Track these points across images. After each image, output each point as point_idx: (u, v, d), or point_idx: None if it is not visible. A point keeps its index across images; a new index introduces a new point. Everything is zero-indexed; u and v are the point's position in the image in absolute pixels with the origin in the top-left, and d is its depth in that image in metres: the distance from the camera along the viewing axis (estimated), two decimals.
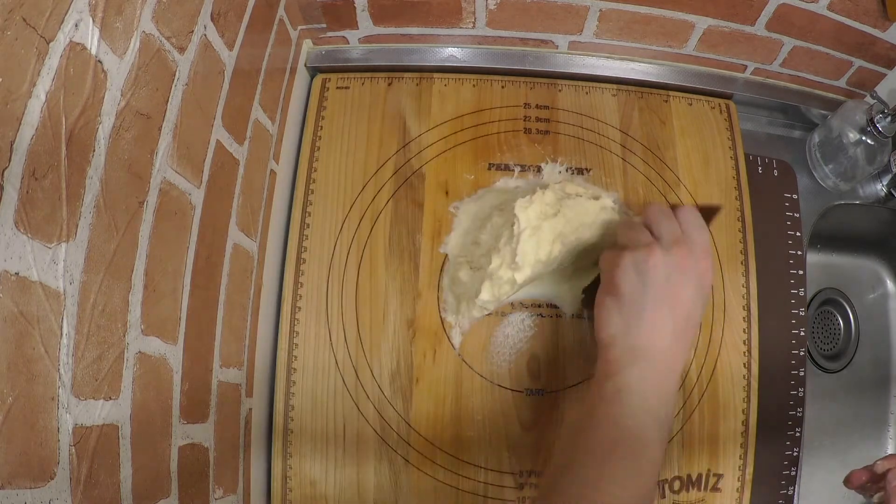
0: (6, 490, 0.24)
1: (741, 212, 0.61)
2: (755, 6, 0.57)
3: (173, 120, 0.36)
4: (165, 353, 0.37)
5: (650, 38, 0.62)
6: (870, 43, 0.61)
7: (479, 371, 0.55)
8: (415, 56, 0.63)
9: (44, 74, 0.26)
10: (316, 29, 0.61)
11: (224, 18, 0.42)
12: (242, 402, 0.49)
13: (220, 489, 0.45)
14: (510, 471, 0.54)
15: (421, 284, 0.56)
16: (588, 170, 0.60)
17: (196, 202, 0.40)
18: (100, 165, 0.30)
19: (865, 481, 0.50)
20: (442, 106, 0.62)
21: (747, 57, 0.64)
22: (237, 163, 0.47)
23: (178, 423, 0.38)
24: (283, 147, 0.58)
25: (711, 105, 0.64)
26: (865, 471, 0.50)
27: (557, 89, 0.63)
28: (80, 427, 0.29)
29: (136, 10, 0.32)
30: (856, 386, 0.78)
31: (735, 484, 0.56)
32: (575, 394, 0.55)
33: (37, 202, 0.26)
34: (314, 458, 0.54)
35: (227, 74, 0.44)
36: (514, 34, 0.62)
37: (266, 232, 0.54)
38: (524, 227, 0.48)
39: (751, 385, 0.57)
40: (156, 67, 0.34)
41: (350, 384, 0.55)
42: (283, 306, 0.56)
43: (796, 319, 0.62)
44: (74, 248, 0.28)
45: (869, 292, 0.82)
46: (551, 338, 0.56)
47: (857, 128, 0.63)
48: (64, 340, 0.28)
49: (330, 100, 0.62)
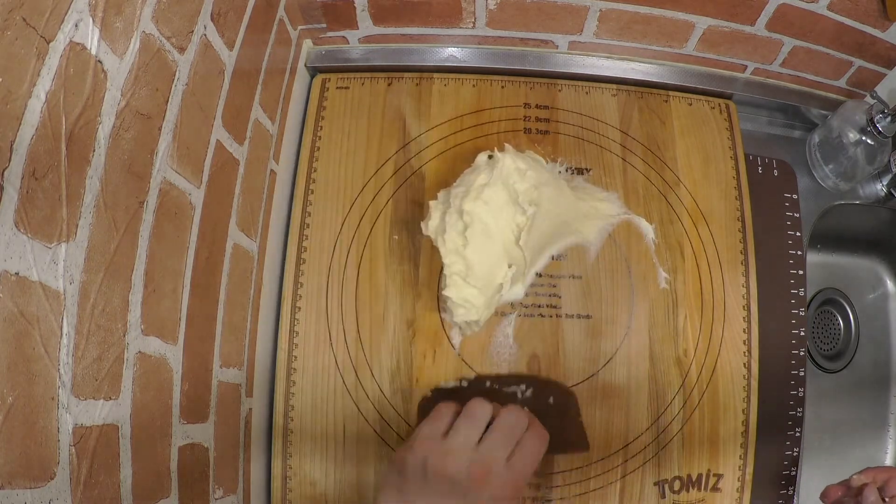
0: (6, 490, 0.24)
1: (741, 212, 0.61)
2: (755, 6, 0.57)
3: (173, 120, 0.36)
4: (165, 353, 0.37)
5: (650, 38, 0.62)
6: (870, 43, 0.61)
7: (479, 371, 0.55)
8: (415, 56, 0.63)
9: (44, 74, 0.26)
10: (316, 29, 0.61)
11: (224, 18, 0.42)
12: (242, 402, 0.49)
13: (220, 489, 0.45)
14: None
15: (421, 284, 0.56)
16: (588, 170, 0.61)
17: (196, 202, 0.40)
18: (100, 165, 0.30)
19: (842, 496, 0.49)
20: (442, 106, 0.62)
21: (747, 57, 0.64)
22: (237, 163, 0.47)
23: (178, 423, 0.38)
24: (283, 147, 0.58)
25: (711, 105, 0.64)
26: (841, 486, 0.49)
27: (557, 89, 0.63)
28: (80, 427, 0.29)
29: (136, 10, 0.32)
30: (856, 386, 0.78)
31: (735, 484, 0.56)
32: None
33: (37, 202, 0.26)
34: (314, 458, 0.54)
35: (227, 74, 0.44)
36: (514, 34, 0.62)
37: (266, 232, 0.54)
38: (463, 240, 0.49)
39: (751, 385, 0.57)
40: (156, 67, 0.34)
41: (350, 384, 0.55)
42: (283, 306, 0.56)
43: (796, 319, 0.62)
44: (74, 248, 0.28)
45: (869, 292, 0.82)
46: (551, 338, 0.56)
47: (857, 128, 0.63)
48: (64, 340, 0.28)
49: (330, 100, 0.62)
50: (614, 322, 0.56)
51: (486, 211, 0.49)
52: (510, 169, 0.50)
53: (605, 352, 0.56)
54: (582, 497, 0.54)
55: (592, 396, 0.55)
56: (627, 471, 0.55)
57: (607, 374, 0.56)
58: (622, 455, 0.55)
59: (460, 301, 0.49)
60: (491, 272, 0.49)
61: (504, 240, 0.50)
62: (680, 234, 0.59)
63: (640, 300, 0.57)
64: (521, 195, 0.50)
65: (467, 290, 0.49)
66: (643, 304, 0.57)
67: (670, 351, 0.56)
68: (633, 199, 0.60)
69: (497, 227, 0.49)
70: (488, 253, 0.49)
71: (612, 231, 0.58)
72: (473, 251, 0.48)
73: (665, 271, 0.58)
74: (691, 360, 0.57)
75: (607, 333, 0.56)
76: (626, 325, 0.57)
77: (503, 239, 0.49)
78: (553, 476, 0.54)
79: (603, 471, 0.54)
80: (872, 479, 0.47)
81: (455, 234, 0.49)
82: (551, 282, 0.57)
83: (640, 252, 0.58)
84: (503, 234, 0.49)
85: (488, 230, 0.49)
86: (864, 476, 0.48)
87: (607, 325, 0.56)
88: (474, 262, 0.48)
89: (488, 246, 0.49)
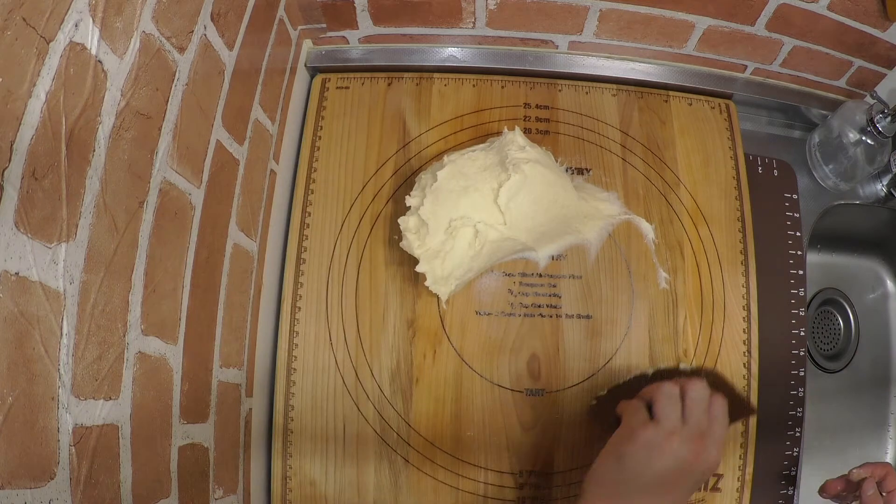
0: (6, 490, 0.24)
1: (741, 212, 0.61)
2: (755, 6, 0.57)
3: (173, 120, 0.36)
4: (165, 353, 0.37)
5: (650, 38, 0.62)
6: (870, 43, 0.61)
7: (479, 371, 0.55)
8: (415, 56, 0.63)
9: (44, 74, 0.26)
10: (316, 29, 0.61)
11: (224, 18, 0.42)
12: (242, 402, 0.49)
13: (220, 489, 0.45)
14: (510, 471, 0.54)
15: (421, 284, 0.56)
16: (588, 170, 0.61)
17: (196, 202, 0.40)
18: (100, 165, 0.30)
19: (841, 490, 0.49)
20: (442, 106, 0.62)
21: (747, 57, 0.64)
22: (237, 163, 0.47)
23: (178, 423, 0.38)
24: (283, 147, 0.58)
25: (711, 105, 0.64)
26: (841, 480, 0.49)
27: (557, 89, 0.63)
28: (80, 427, 0.29)
29: (136, 10, 0.32)
30: (856, 386, 0.78)
31: (735, 484, 0.56)
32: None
33: (37, 202, 0.26)
34: (314, 458, 0.54)
35: (227, 74, 0.44)
36: (514, 34, 0.62)
37: (266, 232, 0.54)
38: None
39: (751, 385, 0.57)
40: (156, 67, 0.34)
41: (350, 384, 0.55)
42: (283, 306, 0.56)
43: (796, 319, 0.62)
44: (74, 248, 0.28)
45: (869, 292, 0.82)
46: (551, 338, 0.56)
47: (857, 128, 0.63)
48: (64, 340, 0.28)
49: (330, 100, 0.62)
50: (614, 322, 0.56)
51: (468, 163, 0.52)
52: (510, 140, 0.52)
53: (605, 352, 0.56)
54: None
55: (592, 396, 0.55)
56: None
57: (607, 374, 0.56)
58: None
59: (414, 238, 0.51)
60: (449, 224, 0.51)
61: (481, 195, 0.51)
62: (680, 234, 0.59)
63: (640, 300, 0.57)
64: (509, 158, 0.51)
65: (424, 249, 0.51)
66: (643, 304, 0.57)
67: (670, 351, 0.56)
68: (633, 199, 0.60)
69: (473, 179, 0.51)
70: (453, 205, 0.51)
71: (612, 231, 0.58)
72: (435, 202, 0.51)
73: (665, 271, 0.58)
74: (691, 359, 0.57)
75: (607, 333, 0.56)
76: (626, 325, 0.57)
77: (482, 194, 0.51)
78: (553, 476, 0.54)
79: None
80: (871, 474, 0.47)
81: (420, 190, 0.52)
82: (551, 282, 0.57)
83: (640, 252, 0.58)
84: (481, 190, 0.51)
85: (465, 176, 0.51)
86: (863, 470, 0.48)
87: (607, 325, 0.56)
88: (431, 214, 0.51)
89: (455, 198, 0.51)
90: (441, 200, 0.51)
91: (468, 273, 0.53)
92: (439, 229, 0.51)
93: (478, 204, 0.51)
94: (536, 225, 0.53)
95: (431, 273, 0.50)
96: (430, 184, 0.51)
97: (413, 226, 0.51)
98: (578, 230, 0.57)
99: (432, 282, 0.50)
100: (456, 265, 0.51)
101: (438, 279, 0.51)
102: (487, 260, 0.53)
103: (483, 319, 0.56)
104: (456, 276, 0.52)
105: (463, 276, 0.52)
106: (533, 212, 0.53)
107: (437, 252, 0.51)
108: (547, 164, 0.54)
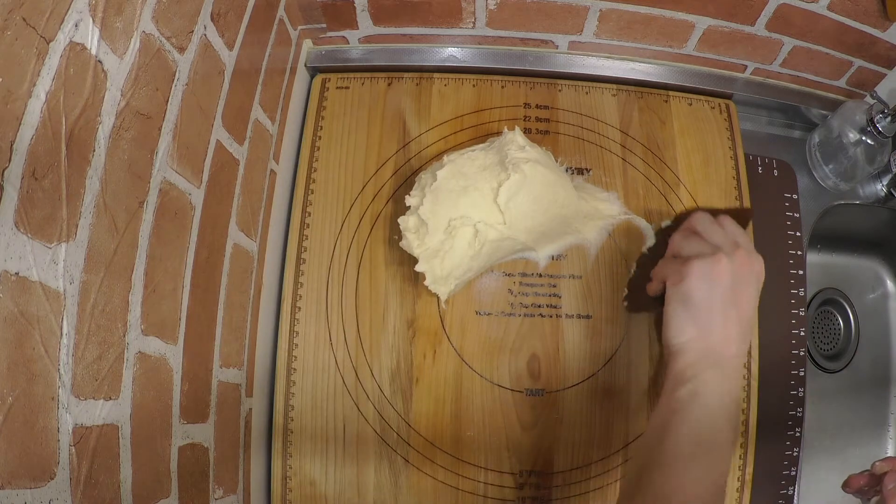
0: (6, 490, 0.24)
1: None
2: (755, 6, 0.57)
3: (173, 120, 0.36)
4: (165, 353, 0.37)
5: (650, 38, 0.62)
6: (870, 43, 0.61)
7: (479, 371, 0.55)
8: (415, 56, 0.63)
9: (44, 74, 0.26)
10: (316, 29, 0.61)
11: (224, 18, 0.42)
12: (242, 402, 0.49)
13: (220, 489, 0.45)
14: (510, 471, 0.54)
15: (421, 284, 0.56)
16: (588, 170, 0.61)
17: (196, 202, 0.40)
18: (100, 165, 0.30)
19: (864, 485, 0.49)
20: (442, 106, 0.62)
21: (747, 57, 0.64)
22: (237, 163, 0.47)
23: (178, 423, 0.38)
24: (283, 147, 0.58)
25: (711, 105, 0.64)
26: (864, 475, 0.49)
27: (557, 89, 0.63)
28: (80, 427, 0.29)
29: (136, 10, 0.32)
30: (856, 386, 0.78)
31: (735, 484, 0.56)
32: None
33: (37, 202, 0.26)
34: (314, 458, 0.54)
35: (227, 74, 0.44)
36: (514, 34, 0.62)
37: (266, 232, 0.54)
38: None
39: (751, 385, 0.57)
40: (156, 67, 0.34)
41: (350, 384, 0.55)
42: (283, 306, 0.56)
43: (796, 319, 0.62)
44: (74, 248, 0.28)
45: (869, 292, 0.82)
46: (551, 338, 0.56)
47: (857, 128, 0.63)
48: (64, 340, 0.28)
49: (330, 100, 0.62)
50: (614, 322, 0.56)
51: (468, 162, 0.52)
52: (510, 140, 0.52)
53: (605, 352, 0.56)
54: (582, 497, 0.54)
55: (592, 396, 0.55)
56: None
57: (607, 374, 0.56)
58: (622, 455, 0.55)
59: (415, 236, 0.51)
60: (449, 224, 0.51)
61: (481, 195, 0.51)
62: None
63: None
64: (509, 157, 0.51)
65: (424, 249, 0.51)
66: None
67: None
68: (633, 199, 0.60)
69: (473, 179, 0.51)
70: (453, 204, 0.51)
71: (612, 231, 0.58)
72: (434, 202, 0.51)
73: None
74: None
75: (607, 333, 0.56)
76: (626, 325, 0.57)
77: (482, 194, 0.51)
78: (553, 476, 0.54)
79: (603, 470, 0.54)
80: (892, 468, 0.48)
81: (420, 189, 0.52)
82: (551, 282, 0.57)
83: (640, 252, 0.58)
84: (481, 190, 0.51)
85: (464, 176, 0.51)
86: (885, 464, 0.48)
87: (607, 325, 0.56)
88: (430, 214, 0.51)
89: (455, 198, 0.51)
90: (441, 200, 0.51)
91: (468, 273, 0.53)
92: (439, 229, 0.51)
93: (477, 203, 0.51)
94: (536, 225, 0.53)
95: (431, 272, 0.50)
96: (429, 183, 0.51)
97: (413, 225, 0.51)
98: (578, 230, 0.57)
99: (432, 281, 0.50)
100: (455, 265, 0.51)
101: (438, 278, 0.51)
102: (487, 260, 0.53)
103: (483, 319, 0.56)
104: (455, 275, 0.52)
105: (462, 276, 0.52)
106: (533, 212, 0.53)
107: (437, 251, 0.51)
108: (547, 163, 0.54)
